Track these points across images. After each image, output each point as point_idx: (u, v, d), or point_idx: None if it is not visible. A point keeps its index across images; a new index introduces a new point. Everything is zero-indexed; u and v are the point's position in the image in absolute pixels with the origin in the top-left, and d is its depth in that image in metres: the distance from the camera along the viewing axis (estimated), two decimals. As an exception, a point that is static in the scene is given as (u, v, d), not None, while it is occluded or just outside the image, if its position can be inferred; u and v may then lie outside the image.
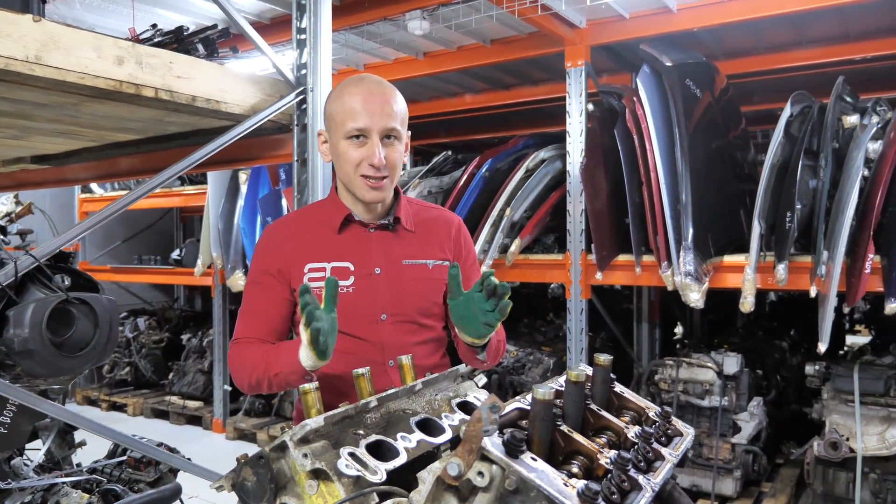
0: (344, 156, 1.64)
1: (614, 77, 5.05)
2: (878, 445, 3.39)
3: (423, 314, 1.71)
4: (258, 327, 1.68)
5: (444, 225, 1.80)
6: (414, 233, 1.75)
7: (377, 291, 1.67)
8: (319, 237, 1.70)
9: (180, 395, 6.29)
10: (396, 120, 1.63)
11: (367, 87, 1.63)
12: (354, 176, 1.64)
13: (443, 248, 1.76)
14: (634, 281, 3.96)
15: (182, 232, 8.53)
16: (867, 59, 4.47)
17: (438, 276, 1.72)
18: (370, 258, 1.69)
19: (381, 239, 1.72)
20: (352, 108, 1.60)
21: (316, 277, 1.65)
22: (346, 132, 1.61)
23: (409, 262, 1.71)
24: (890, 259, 3.06)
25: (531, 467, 0.85)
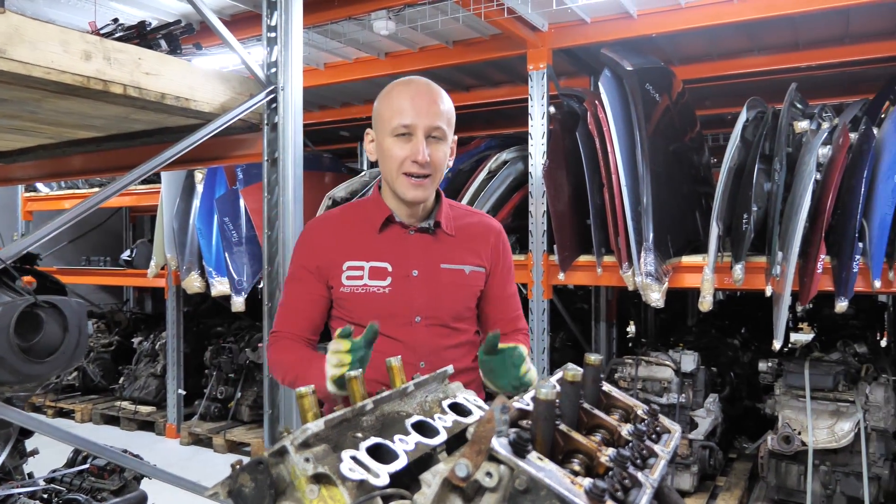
0: (389, 152, 1.66)
1: (573, 80, 5.12)
2: (828, 438, 3.52)
3: (457, 318, 1.75)
4: (295, 322, 1.74)
5: (484, 231, 1.83)
6: (454, 237, 1.78)
7: (413, 294, 1.71)
8: (360, 236, 1.73)
9: (131, 399, 6.11)
10: (442, 120, 1.66)
11: (416, 87, 1.68)
12: (398, 174, 1.66)
13: (480, 255, 1.79)
14: (595, 281, 4.02)
15: (132, 232, 8.30)
16: (814, 67, 4.64)
17: (474, 283, 1.78)
18: (408, 260, 1.72)
19: (421, 242, 1.74)
20: (399, 105, 1.64)
21: (353, 276, 1.69)
22: (392, 129, 1.64)
23: (447, 267, 1.74)
24: (840, 259, 3.19)
25: (539, 467, 0.86)
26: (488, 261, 1.81)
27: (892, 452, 3.59)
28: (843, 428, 3.51)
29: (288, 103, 2.30)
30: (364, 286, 1.69)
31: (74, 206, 1.78)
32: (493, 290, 1.83)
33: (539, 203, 4.10)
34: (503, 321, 1.85)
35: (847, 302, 3.15)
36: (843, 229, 3.19)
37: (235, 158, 2.59)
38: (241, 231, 4.97)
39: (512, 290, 1.89)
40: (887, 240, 3.09)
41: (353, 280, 1.69)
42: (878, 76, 4.85)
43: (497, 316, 1.85)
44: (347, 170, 6.15)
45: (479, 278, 1.78)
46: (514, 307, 1.90)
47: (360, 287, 1.69)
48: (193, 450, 5.50)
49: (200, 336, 6.31)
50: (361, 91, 5.69)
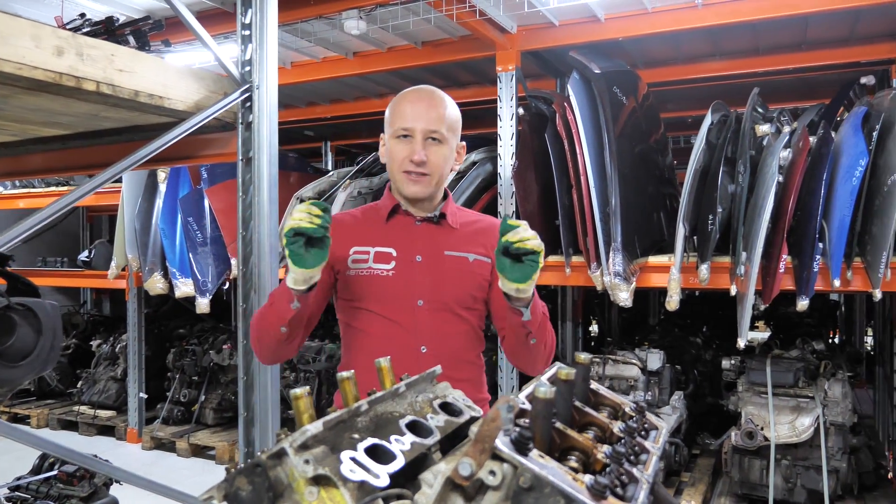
0: (391, 153, 1.79)
1: (539, 82, 5.17)
2: (790, 433, 3.63)
3: (460, 305, 1.80)
4: None
5: (489, 227, 1.89)
6: (458, 229, 1.85)
7: (417, 277, 1.77)
8: (368, 225, 1.84)
9: (90, 404, 5.97)
10: (441, 124, 1.77)
11: (418, 94, 1.81)
12: (398, 171, 1.78)
13: (485, 247, 1.84)
14: (564, 281, 4.06)
15: (89, 232, 8.09)
16: (773, 73, 4.78)
17: (478, 271, 1.82)
18: (413, 246, 1.80)
19: (426, 230, 1.83)
20: (401, 110, 1.78)
21: (359, 259, 1.78)
22: (394, 132, 1.78)
23: (451, 254, 1.81)
24: (801, 259, 3.28)
25: (542, 464, 0.87)
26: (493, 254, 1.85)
27: (849, 446, 3.71)
28: (804, 423, 3.62)
29: (263, 102, 2.28)
30: (368, 269, 1.77)
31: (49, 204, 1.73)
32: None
33: (508, 204, 4.13)
34: None
35: (808, 300, 3.24)
36: (803, 230, 3.28)
37: (208, 157, 2.55)
38: (205, 231, 4.89)
39: None
40: (846, 240, 3.19)
41: (359, 263, 1.77)
42: (833, 82, 5.02)
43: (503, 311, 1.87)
44: (313, 169, 6.11)
45: (483, 268, 1.82)
46: None
47: (365, 270, 1.77)
48: (156, 454, 5.39)
49: (162, 338, 6.20)
50: (328, 91, 5.66)
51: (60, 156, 2.97)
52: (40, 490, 2.38)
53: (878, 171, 3.21)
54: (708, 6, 3.71)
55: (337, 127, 6.94)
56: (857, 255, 3.27)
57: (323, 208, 1.54)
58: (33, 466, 2.55)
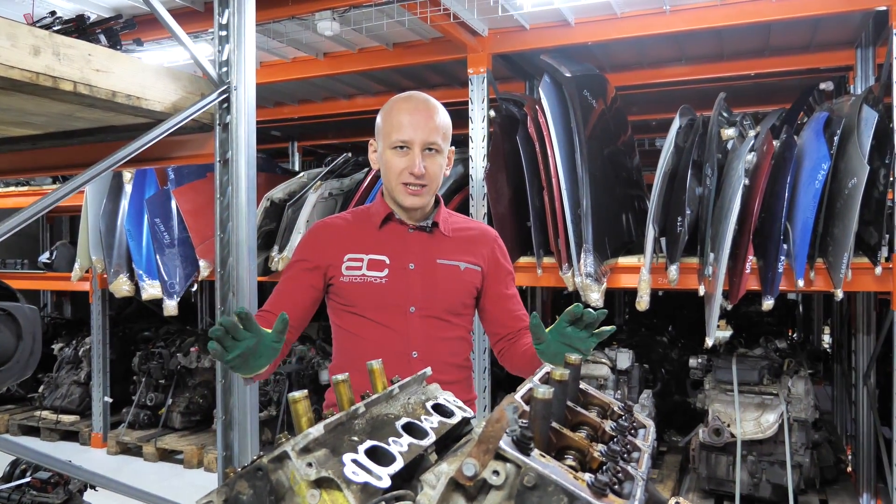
0: (388, 164, 1.79)
1: (508, 85, 5.20)
2: (755, 430, 3.72)
3: (451, 312, 1.83)
4: (280, 305, 1.80)
5: (481, 236, 1.93)
6: (450, 237, 1.87)
7: (409, 285, 1.79)
8: (361, 232, 1.85)
9: (53, 409, 5.82)
10: (438, 135, 1.78)
11: (414, 104, 1.80)
12: (396, 183, 1.78)
13: (476, 256, 1.88)
14: (536, 282, 4.10)
15: (50, 233, 7.90)
16: (736, 77, 4.89)
17: (469, 279, 1.86)
18: (406, 254, 1.81)
19: (419, 238, 1.85)
20: (398, 121, 1.76)
21: (353, 266, 1.79)
22: (391, 143, 1.77)
23: (443, 262, 1.83)
24: (766, 260, 3.37)
25: (544, 464, 0.89)
26: (485, 262, 1.89)
27: (812, 441, 3.82)
28: (769, 419, 3.72)
29: (241, 103, 2.26)
30: (362, 276, 1.79)
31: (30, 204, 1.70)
32: (494, 289, 1.91)
33: (480, 205, 4.16)
34: (508, 318, 1.92)
35: (773, 300, 3.33)
36: (768, 232, 3.38)
37: (186, 158, 2.52)
38: (172, 232, 4.81)
39: (512, 291, 1.96)
40: (809, 242, 3.29)
41: (352, 270, 1.79)
42: (793, 87, 5.16)
43: (500, 312, 1.92)
44: (281, 170, 6.06)
45: (474, 276, 1.86)
46: (516, 305, 1.96)
47: (359, 277, 1.79)
48: (122, 459, 5.29)
49: (126, 341, 6.08)
50: (296, 91, 5.62)
51: (29, 156, 2.90)
52: (12, 497, 2.32)
53: (840, 175, 3.31)
54: (675, 12, 3.78)
55: (305, 127, 6.90)
56: (819, 256, 3.37)
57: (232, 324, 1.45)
58: (4, 473, 2.48)
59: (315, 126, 6.78)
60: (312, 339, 5.47)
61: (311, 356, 5.11)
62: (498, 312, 1.91)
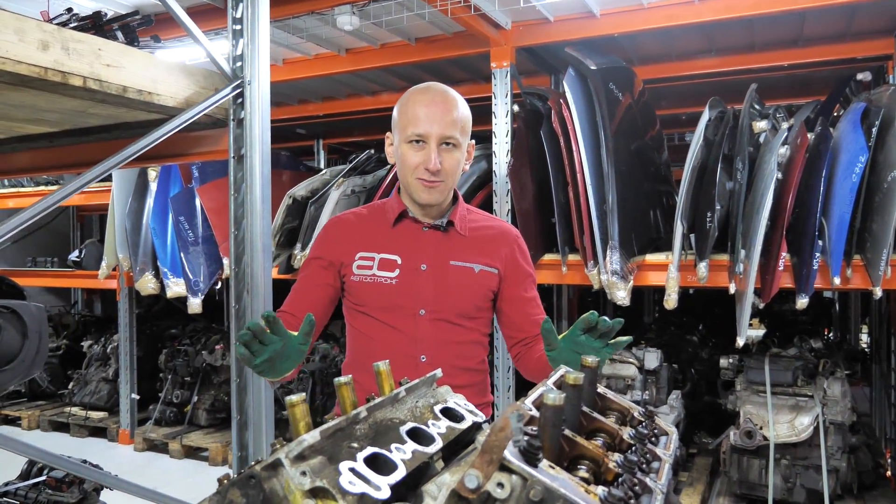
0: (403, 158, 1.72)
1: (534, 79, 5.13)
2: (789, 433, 3.60)
3: (463, 316, 1.76)
4: (298, 305, 1.76)
5: (500, 236, 1.85)
6: (466, 237, 1.80)
7: (420, 287, 1.74)
8: (374, 229, 1.80)
9: (82, 405, 5.89)
10: (455, 128, 1.70)
11: (431, 96, 1.72)
12: (412, 178, 1.72)
13: (492, 257, 1.80)
14: (560, 280, 4.02)
15: (80, 232, 8.01)
16: (768, 69, 4.75)
17: (483, 282, 1.78)
18: (418, 254, 1.75)
19: (433, 238, 1.78)
20: (414, 114, 1.69)
21: (364, 265, 1.75)
22: (406, 137, 1.70)
23: (456, 264, 1.77)
24: (800, 257, 3.25)
25: (553, 476, 0.83)
26: (502, 263, 1.81)
27: (849, 445, 3.69)
28: (803, 422, 3.59)
29: (255, 98, 2.23)
30: (373, 276, 1.74)
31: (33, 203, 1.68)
32: (512, 294, 1.83)
33: (503, 202, 4.09)
34: (527, 323, 1.82)
35: (807, 299, 3.21)
36: (803, 228, 3.25)
37: (200, 155, 2.49)
38: (197, 230, 4.83)
39: (532, 293, 1.87)
40: (845, 238, 3.16)
41: (363, 269, 1.75)
42: (828, 78, 4.99)
43: (520, 317, 1.83)
44: (305, 168, 6.05)
45: (490, 279, 1.79)
46: (536, 309, 1.87)
47: (369, 277, 1.74)
48: (149, 456, 5.33)
49: (154, 339, 6.13)
50: (320, 88, 5.60)
51: (48, 154, 2.91)
52: (28, 496, 2.32)
53: (878, 168, 3.18)
54: (704, 1, 3.67)
55: (329, 125, 6.88)
56: (856, 253, 3.25)
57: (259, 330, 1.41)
58: (22, 471, 2.48)
59: (340, 123, 6.76)
60: (336, 336, 5.45)
61: (335, 354, 5.09)
62: (515, 316, 1.83)
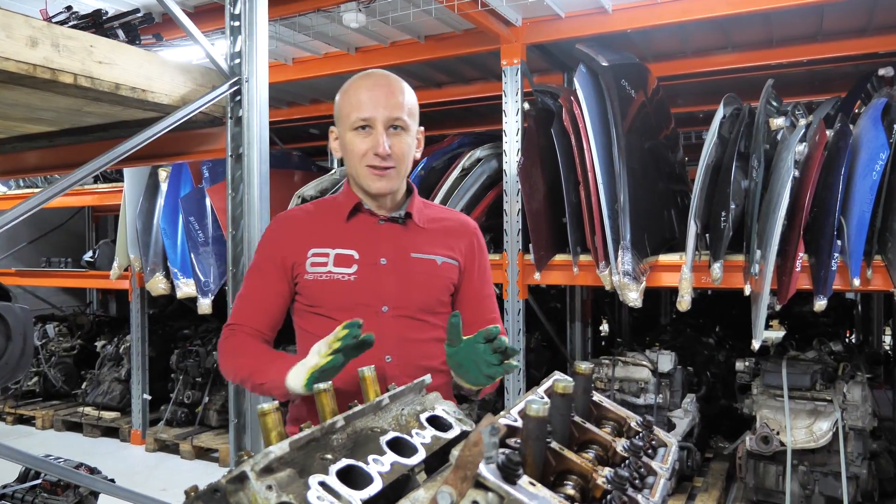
0: (350, 147, 1.64)
1: (546, 77, 5.05)
2: (807, 438, 3.50)
3: (427, 310, 1.68)
4: (253, 315, 1.68)
5: (459, 228, 1.79)
6: (425, 229, 1.73)
7: (381, 282, 1.65)
8: (327, 225, 1.70)
9: (95, 405, 5.90)
10: (402, 111, 1.63)
11: (374, 80, 1.66)
12: (361, 166, 1.64)
13: (453, 249, 1.74)
14: (572, 281, 3.95)
15: (95, 232, 8.06)
16: (787, 65, 4.63)
17: (446, 274, 1.71)
18: (377, 248, 1.67)
19: (390, 231, 1.70)
20: (357, 99, 1.63)
21: (318, 262, 1.65)
22: (351, 123, 1.63)
23: (418, 256, 1.69)
24: (818, 258, 3.16)
25: (532, 494, 0.77)
26: (462, 256, 1.75)
27: (870, 451, 3.58)
28: (822, 427, 3.49)
29: (253, 96, 2.18)
30: (328, 273, 1.64)
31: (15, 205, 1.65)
32: (469, 291, 1.77)
33: (514, 201, 4.03)
34: (480, 322, 1.74)
35: (826, 300, 3.11)
36: (821, 227, 3.16)
37: (199, 154, 2.46)
38: (207, 231, 4.81)
39: (489, 291, 1.83)
40: (865, 237, 3.06)
41: (318, 267, 1.64)
42: (849, 74, 4.87)
43: (473, 317, 1.75)
44: (317, 168, 6.02)
45: (451, 270, 1.72)
46: (491, 308, 1.83)
47: (324, 274, 1.64)
48: (160, 456, 5.32)
49: (166, 339, 6.13)
50: (331, 87, 5.54)
51: (54, 153, 2.89)
52: (25, 499, 2.30)
53: (900, 165, 3.08)
54: (719, -5, 3.58)
55: (341, 125, 6.85)
56: (877, 253, 3.15)
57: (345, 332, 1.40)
58: (19, 474, 2.47)
59: (352, 123, 6.72)
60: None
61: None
62: (471, 315, 1.73)
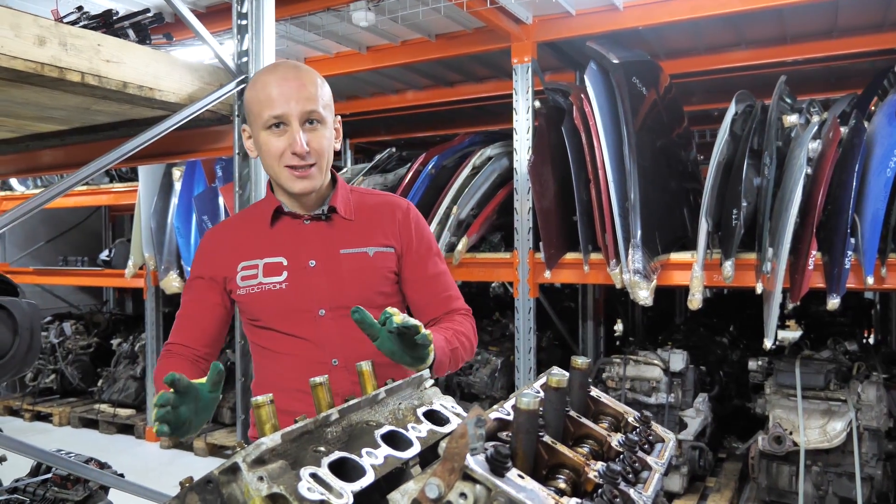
0: (265, 147, 1.55)
1: (558, 75, 5.03)
2: (820, 438, 3.46)
3: (367, 305, 1.52)
4: (188, 334, 1.63)
5: (388, 210, 1.69)
6: (352, 221, 1.65)
7: (313, 285, 1.58)
8: (252, 234, 1.64)
9: (111, 402, 5.96)
10: (317, 103, 1.54)
11: (282, 73, 1.55)
12: (279, 167, 1.55)
13: (386, 235, 1.65)
14: (582, 279, 3.94)
15: (111, 231, 8.14)
16: (801, 62, 4.58)
17: (381, 264, 1.63)
18: (304, 251, 1.61)
19: (316, 230, 1.63)
20: (267, 95, 1.52)
21: (248, 276, 1.60)
22: (264, 122, 1.53)
23: (347, 252, 1.61)
24: (831, 256, 3.12)
25: (520, 486, 0.77)
26: (397, 240, 1.66)
27: (885, 452, 3.53)
28: (835, 427, 3.45)
29: (260, 94, 2.20)
30: (259, 285, 1.58)
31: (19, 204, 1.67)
32: (413, 271, 1.68)
33: (524, 199, 4.02)
34: (434, 304, 1.69)
35: (839, 299, 3.08)
36: (834, 225, 3.13)
37: (207, 152, 2.47)
38: (220, 230, 4.84)
39: (438, 269, 1.72)
40: (880, 235, 3.03)
41: (248, 280, 1.59)
42: (865, 71, 4.81)
43: (425, 299, 1.69)
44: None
45: (387, 259, 1.64)
46: (444, 286, 1.72)
47: (255, 286, 1.58)
48: (174, 453, 5.37)
49: (181, 337, 6.17)
50: (343, 87, 5.58)
51: (65, 152, 2.92)
52: (37, 493, 2.32)
53: (914, 162, 3.03)
54: (732, -9, 3.55)
55: (355, 124, 6.86)
56: (892, 251, 3.11)
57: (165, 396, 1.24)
58: (31, 469, 2.50)
59: (365, 122, 6.75)
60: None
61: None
62: (421, 298, 1.68)
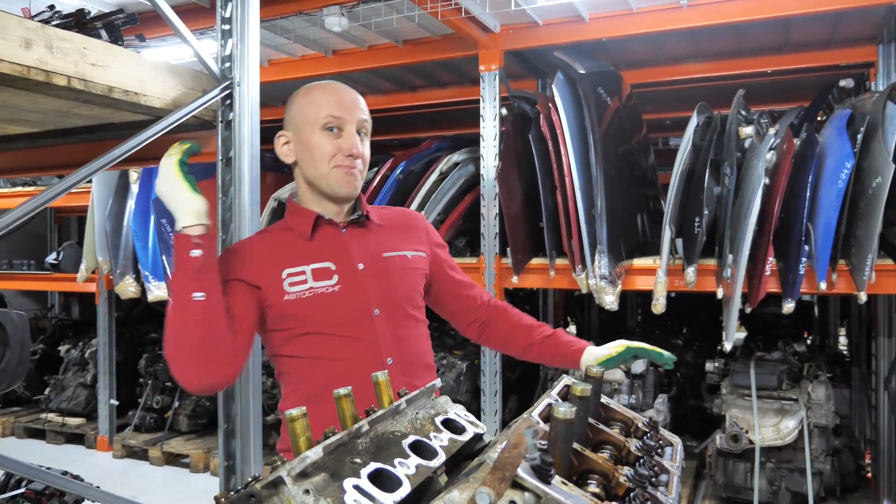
0: (318, 146, 1.59)
1: (521, 83, 5.11)
2: (774, 436, 3.61)
3: (413, 305, 1.68)
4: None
5: (411, 219, 1.81)
6: (384, 227, 1.73)
7: (365, 287, 1.62)
8: (291, 246, 1.63)
9: (59, 411, 5.78)
10: (368, 117, 1.66)
11: (339, 86, 1.67)
12: (329, 168, 1.60)
13: (417, 240, 1.75)
14: (548, 284, 4.01)
15: (57, 234, 7.87)
16: (755, 74, 4.77)
17: (419, 266, 1.72)
18: (350, 255, 1.64)
19: (355, 236, 1.67)
20: (327, 100, 1.61)
21: (296, 281, 1.57)
22: (322, 123, 1.59)
23: (390, 255, 1.68)
24: (787, 262, 3.27)
25: (567, 493, 0.80)
26: (426, 246, 1.77)
27: (832, 448, 3.71)
28: (788, 425, 3.61)
29: (244, 100, 2.18)
30: (310, 289, 1.57)
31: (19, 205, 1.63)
32: (443, 278, 1.80)
33: (491, 205, 4.07)
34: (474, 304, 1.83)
35: (794, 303, 3.22)
36: (789, 233, 3.27)
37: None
38: (179, 233, 4.75)
39: (461, 276, 1.85)
40: (831, 243, 3.18)
41: (298, 286, 1.57)
42: (812, 85, 5.03)
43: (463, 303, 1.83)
44: (289, 170, 5.97)
45: (422, 262, 1.73)
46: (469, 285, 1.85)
47: (307, 291, 1.57)
48: (128, 463, 5.23)
49: (133, 343, 6.03)
50: (305, 89, 5.53)
51: (28, 155, 2.84)
52: (6, 509, 2.26)
53: (863, 174, 3.20)
54: (693, 7, 3.68)
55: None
56: (842, 258, 3.27)
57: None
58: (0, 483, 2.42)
59: (325, 125, 6.70)
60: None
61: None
62: (459, 302, 1.81)
